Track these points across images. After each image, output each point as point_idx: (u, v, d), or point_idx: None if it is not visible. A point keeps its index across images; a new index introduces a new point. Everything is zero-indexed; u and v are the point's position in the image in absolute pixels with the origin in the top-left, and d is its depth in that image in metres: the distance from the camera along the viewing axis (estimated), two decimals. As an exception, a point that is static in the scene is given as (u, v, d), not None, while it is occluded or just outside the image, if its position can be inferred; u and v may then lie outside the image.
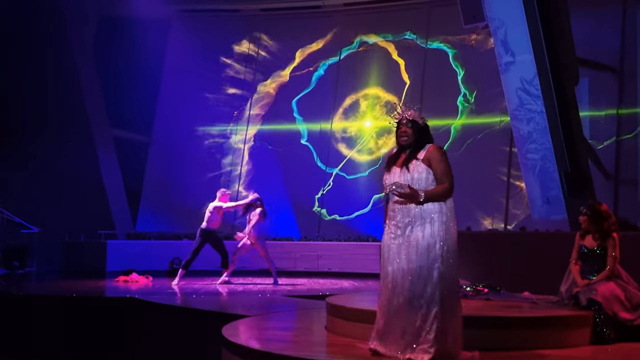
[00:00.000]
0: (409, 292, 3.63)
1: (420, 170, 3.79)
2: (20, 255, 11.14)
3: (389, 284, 3.70)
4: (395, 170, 3.85)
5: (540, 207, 9.67)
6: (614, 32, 11.06)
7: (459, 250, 3.78)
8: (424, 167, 3.79)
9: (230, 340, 4.34)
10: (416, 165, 3.80)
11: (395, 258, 3.70)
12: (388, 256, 3.73)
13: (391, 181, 3.79)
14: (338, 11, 13.58)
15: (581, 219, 5.11)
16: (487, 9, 9.95)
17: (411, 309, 3.62)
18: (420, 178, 3.77)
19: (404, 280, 3.66)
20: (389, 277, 3.70)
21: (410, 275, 3.64)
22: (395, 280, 3.68)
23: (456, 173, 3.90)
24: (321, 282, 9.87)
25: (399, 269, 3.68)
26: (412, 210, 3.72)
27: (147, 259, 10.99)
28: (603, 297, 4.58)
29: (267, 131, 13.53)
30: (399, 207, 3.76)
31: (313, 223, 12.89)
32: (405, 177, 3.78)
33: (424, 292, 3.62)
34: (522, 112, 9.68)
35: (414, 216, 3.71)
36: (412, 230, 3.70)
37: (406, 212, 3.73)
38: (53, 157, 11.29)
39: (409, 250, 3.67)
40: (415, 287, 3.62)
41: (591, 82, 11.14)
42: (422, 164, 3.80)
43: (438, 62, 12.66)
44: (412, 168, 3.80)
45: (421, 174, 3.78)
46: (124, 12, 12.71)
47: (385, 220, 3.90)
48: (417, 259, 3.65)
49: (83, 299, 7.41)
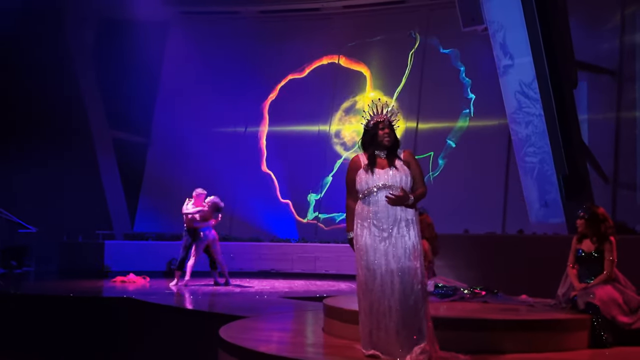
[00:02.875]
0: (400, 293, 3.68)
1: (405, 170, 3.89)
2: (18, 255, 11.14)
3: (377, 286, 3.71)
4: (379, 171, 3.86)
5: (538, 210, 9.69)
6: (612, 35, 11.08)
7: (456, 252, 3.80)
8: (407, 169, 3.88)
9: (227, 341, 4.34)
10: (401, 166, 3.88)
11: (383, 259, 3.73)
12: (374, 258, 3.75)
13: (377, 182, 3.82)
14: (337, 14, 13.59)
15: (578, 222, 5.10)
16: (486, 12, 9.97)
17: (405, 308, 3.66)
18: (407, 179, 3.86)
19: (395, 280, 3.69)
20: (377, 279, 3.72)
21: (401, 275, 3.69)
22: (385, 282, 3.70)
23: (454, 175, 3.93)
24: (318, 283, 9.87)
25: (388, 270, 3.71)
26: (397, 212, 3.79)
27: (145, 260, 10.97)
28: (601, 301, 4.58)
29: (267, 132, 13.53)
30: (383, 208, 3.79)
31: (310, 225, 12.89)
32: (395, 178, 3.83)
33: (412, 290, 3.69)
34: (521, 115, 9.70)
35: (399, 217, 3.79)
36: (399, 231, 3.76)
37: (392, 213, 3.79)
38: (52, 157, 11.29)
39: (396, 251, 3.73)
40: (406, 286, 3.68)
41: (590, 86, 11.16)
42: (404, 166, 3.89)
43: (437, 64, 12.67)
44: (399, 168, 3.86)
45: (407, 174, 3.87)
46: (123, 15, 12.72)
47: (353, 220, 3.89)
48: (405, 259, 3.72)
49: (80, 299, 7.41)
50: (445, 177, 11.88)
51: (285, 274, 10.77)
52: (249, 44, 13.48)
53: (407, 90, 12.81)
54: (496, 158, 11.95)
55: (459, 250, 7.12)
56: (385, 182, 3.82)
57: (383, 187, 3.83)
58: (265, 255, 11.62)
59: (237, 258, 11.23)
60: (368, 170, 3.87)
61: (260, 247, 11.87)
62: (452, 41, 12.38)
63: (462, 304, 5.30)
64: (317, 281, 10.28)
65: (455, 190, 11.47)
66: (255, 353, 4.01)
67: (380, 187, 3.83)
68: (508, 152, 11.61)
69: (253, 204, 12.89)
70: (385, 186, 3.83)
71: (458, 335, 4.09)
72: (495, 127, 11.90)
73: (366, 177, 3.87)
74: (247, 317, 5.62)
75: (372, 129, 3.95)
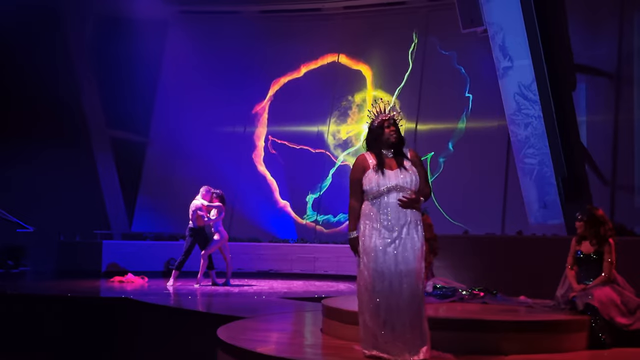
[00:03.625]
0: (408, 294, 3.68)
1: (414, 171, 3.86)
2: (16, 255, 11.11)
3: (385, 288, 3.70)
4: (389, 172, 3.82)
5: (537, 211, 9.71)
6: (611, 38, 11.09)
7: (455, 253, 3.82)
8: (414, 169, 3.85)
9: (226, 342, 4.33)
10: (410, 167, 3.86)
11: (392, 261, 3.71)
12: (384, 260, 3.73)
13: (387, 183, 3.78)
14: (338, 14, 13.60)
15: (577, 224, 5.12)
16: (485, 13, 9.99)
17: (412, 309, 3.68)
18: (416, 179, 3.83)
19: (403, 281, 3.69)
20: (385, 280, 3.70)
21: (408, 277, 3.69)
22: (393, 283, 3.69)
23: (453, 176, 3.94)
24: (317, 284, 9.86)
25: (397, 271, 3.70)
26: (407, 213, 3.77)
27: (143, 260, 10.95)
28: (599, 302, 4.59)
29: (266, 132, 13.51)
30: (394, 210, 3.76)
31: (309, 225, 12.87)
32: (405, 179, 3.80)
33: (418, 292, 3.72)
34: (520, 116, 9.73)
35: (410, 219, 3.77)
36: (408, 232, 3.75)
37: (402, 215, 3.76)
38: (50, 156, 11.25)
39: (405, 252, 3.72)
40: (413, 288, 3.69)
41: (588, 88, 11.17)
42: (412, 166, 3.86)
43: (437, 65, 12.67)
44: (409, 169, 3.82)
45: (416, 175, 3.85)
46: (122, 13, 12.69)
47: (355, 220, 3.85)
48: (413, 260, 3.72)
49: (77, 298, 7.38)
50: (445, 178, 11.87)
51: (284, 275, 10.75)
52: (249, 43, 13.47)
53: (407, 91, 12.81)
54: (495, 159, 11.95)
55: (458, 251, 7.12)
56: (397, 183, 3.79)
57: (394, 189, 3.78)
58: (264, 255, 11.60)
59: (235, 258, 11.22)
60: (378, 170, 3.82)
61: (259, 247, 11.85)
62: (451, 43, 12.38)
63: (461, 304, 5.30)
64: (316, 282, 10.27)
65: (454, 191, 11.47)
66: (254, 354, 4.00)
67: (391, 188, 3.78)
68: (507, 154, 11.60)
69: (252, 204, 12.87)
70: (396, 187, 3.78)
71: (457, 336, 4.09)
72: (494, 128, 11.90)
73: (376, 178, 3.81)
74: (246, 318, 5.61)
75: (377, 128, 3.91)
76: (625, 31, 11.01)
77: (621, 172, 10.75)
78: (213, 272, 9.11)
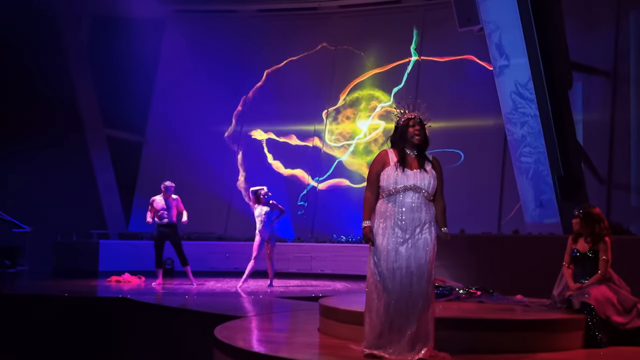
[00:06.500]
0: (418, 294, 3.72)
1: (433, 174, 3.88)
2: (12, 254, 11.06)
3: (396, 286, 3.72)
4: (409, 171, 3.84)
5: (533, 210, 9.71)
6: (607, 36, 11.11)
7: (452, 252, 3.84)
8: (434, 173, 3.88)
9: (223, 341, 4.33)
10: (430, 170, 3.89)
11: (404, 261, 3.74)
12: (395, 259, 3.75)
13: (405, 182, 3.80)
14: (334, 13, 13.59)
15: (574, 222, 5.12)
16: (482, 12, 9.98)
17: (421, 308, 3.71)
18: (434, 183, 3.86)
19: (413, 281, 3.72)
20: (396, 279, 3.73)
21: (419, 277, 3.73)
22: (404, 283, 3.72)
23: (450, 175, 3.95)
24: (314, 283, 9.86)
25: (409, 271, 3.73)
26: (422, 214, 3.81)
27: (140, 259, 10.92)
28: (595, 301, 4.59)
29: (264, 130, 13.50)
30: (409, 209, 3.78)
31: (306, 224, 12.86)
32: (424, 180, 3.83)
33: (428, 292, 3.75)
34: (516, 115, 9.72)
35: (424, 220, 3.81)
36: (421, 232, 3.78)
37: (417, 216, 3.80)
38: (46, 156, 11.23)
39: (417, 252, 3.76)
40: (422, 288, 3.73)
41: (585, 86, 11.19)
42: (432, 170, 3.89)
43: (433, 64, 12.67)
44: (429, 172, 3.86)
45: (434, 178, 3.87)
46: (118, 12, 12.66)
47: (369, 211, 3.87)
48: (425, 261, 3.76)
49: (74, 298, 7.37)
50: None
51: (281, 274, 10.74)
52: (245, 42, 13.45)
53: (404, 90, 12.80)
54: (492, 158, 11.97)
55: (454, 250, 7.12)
56: (415, 183, 3.81)
57: (411, 188, 3.81)
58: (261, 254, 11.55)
59: (232, 258, 11.21)
60: (398, 167, 3.84)
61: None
62: (448, 41, 12.38)
63: (457, 303, 5.31)
64: (312, 281, 10.26)
65: (450, 190, 11.44)
66: (251, 353, 4.00)
67: (408, 187, 3.81)
68: (504, 152, 11.62)
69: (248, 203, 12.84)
70: (413, 187, 3.81)
71: (453, 335, 4.09)
72: (490, 127, 11.91)
73: (395, 175, 3.83)
74: (243, 317, 5.61)
75: (402, 126, 3.94)
76: (621, 30, 11.04)
77: (617, 171, 10.78)
78: (188, 268, 9.05)
